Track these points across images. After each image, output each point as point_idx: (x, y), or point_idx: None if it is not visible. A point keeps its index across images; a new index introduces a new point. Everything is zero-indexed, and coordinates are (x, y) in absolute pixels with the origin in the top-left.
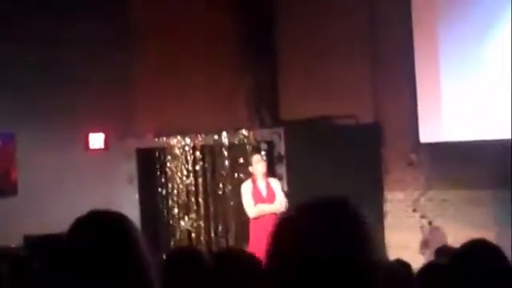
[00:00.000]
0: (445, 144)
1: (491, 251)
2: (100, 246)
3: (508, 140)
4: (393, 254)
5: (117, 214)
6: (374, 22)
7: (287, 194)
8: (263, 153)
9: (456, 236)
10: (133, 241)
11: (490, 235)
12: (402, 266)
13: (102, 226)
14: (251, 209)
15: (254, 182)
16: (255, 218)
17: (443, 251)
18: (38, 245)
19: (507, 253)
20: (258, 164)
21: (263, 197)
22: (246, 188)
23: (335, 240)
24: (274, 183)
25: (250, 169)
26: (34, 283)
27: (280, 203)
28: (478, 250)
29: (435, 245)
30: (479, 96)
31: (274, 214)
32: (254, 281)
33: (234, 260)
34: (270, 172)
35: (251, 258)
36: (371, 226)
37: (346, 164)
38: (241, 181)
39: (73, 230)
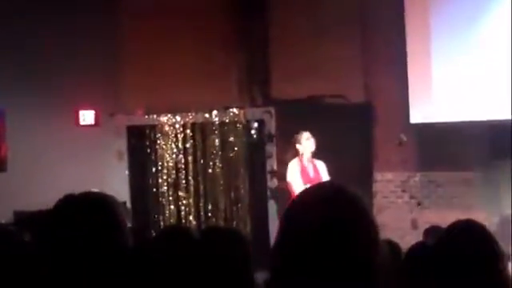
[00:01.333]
0: (435, 125)
1: (478, 232)
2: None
3: (498, 121)
4: (381, 234)
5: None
6: (365, 3)
7: (277, 173)
8: (253, 132)
9: (444, 217)
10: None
11: (478, 216)
12: (391, 245)
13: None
14: (300, 188)
15: (301, 161)
16: None
17: (431, 232)
18: (28, 220)
19: (495, 234)
20: (309, 141)
21: (310, 177)
22: (294, 166)
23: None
24: (320, 165)
25: (298, 147)
26: (24, 255)
27: None
28: (463, 230)
29: (424, 225)
30: (470, 77)
31: None
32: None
33: (222, 235)
34: (261, 151)
35: (238, 233)
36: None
37: (336, 143)
38: (231, 159)
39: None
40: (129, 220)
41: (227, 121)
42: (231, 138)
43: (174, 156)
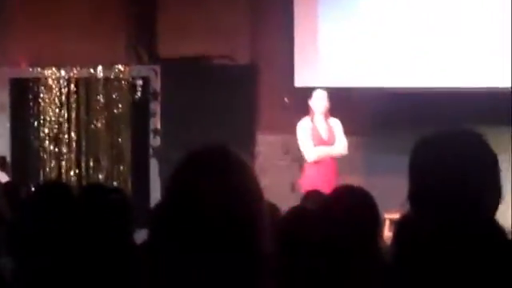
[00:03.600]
0: (319, 89)
1: (360, 196)
2: None
3: (379, 88)
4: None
5: None
6: None
7: (160, 132)
8: (138, 89)
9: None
10: None
11: (358, 181)
12: (271, 208)
13: None
14: (311, 151)
15: (312, 120)
16: (313, 163)
17: (311, 196)
18: None
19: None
20: (320, 100)
21: (323, 138)
22: (305, 127)
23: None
24: (335, 124)
25: (311, 103)
26: None
27: (343, 147)
28: (347, 195)
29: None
30: (356, 43)
31: (334, 159)
32: (124, 216)
33: (103, 195)
34: (145, 109)
35: (120, 192)
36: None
37: (221, 104)
38: (114, 116)
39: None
40: (8, 174)
41: (112, 77)
42: (115, 95)
43: (56, 110)
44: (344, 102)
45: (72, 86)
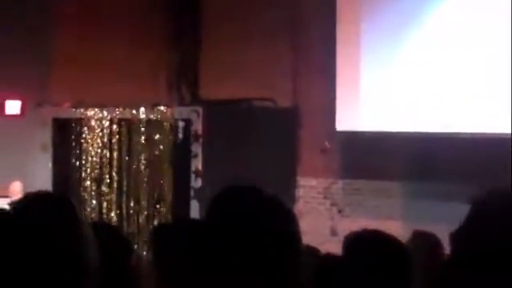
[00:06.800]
0: (360, 133)
1: (384, 242)
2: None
3: (423, 133)
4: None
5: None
6: (297, 8)
7: (202, 173)
8: (180, 131)
9: (364, 226)
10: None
11: (394, 226)
12: (311, 251)
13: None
14: None
15: None
16: None
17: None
18: None
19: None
20: None
21: None
22: None
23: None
24: None
25: None
26: None
27: None
28: (370, 240)
29: (343, 233)
30: (398, 88)
31: None
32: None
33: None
34: (186, 150)
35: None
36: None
37: (262, 147)
38: (156, 157)
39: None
40: None
41: (154, 118)
42: (157, 136)
43: (98, 151)
44: (383, 146)
45: (114, 126)
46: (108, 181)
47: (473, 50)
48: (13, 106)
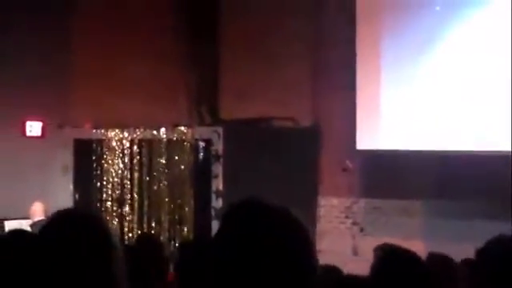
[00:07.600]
0: (381, 152)
1: (408, 260)
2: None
3: (444, 151)
4: (323, 259)
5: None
6: (317, 28)
7: (223, 193)
8: (200, 151)
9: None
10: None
11: (417, 245)
12: (332, 271)
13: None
14: None
15: None
16: None
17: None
18: None
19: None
20: None
21: None
22: None
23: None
24: None
25: None
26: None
27: None
28: (394, 259)
29: (365, 252)
30: (418, 107)
31: None
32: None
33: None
34: (207, 170)
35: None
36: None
37: (283, 166)
38: (177, 177)
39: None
40: None
41: (175, 139)
42: (178, 157)
43: (119, 171)
44: (404, 165)
45: (135, 147)
46: (129, 201)
47: (493, 68)
48: (34, 128)
